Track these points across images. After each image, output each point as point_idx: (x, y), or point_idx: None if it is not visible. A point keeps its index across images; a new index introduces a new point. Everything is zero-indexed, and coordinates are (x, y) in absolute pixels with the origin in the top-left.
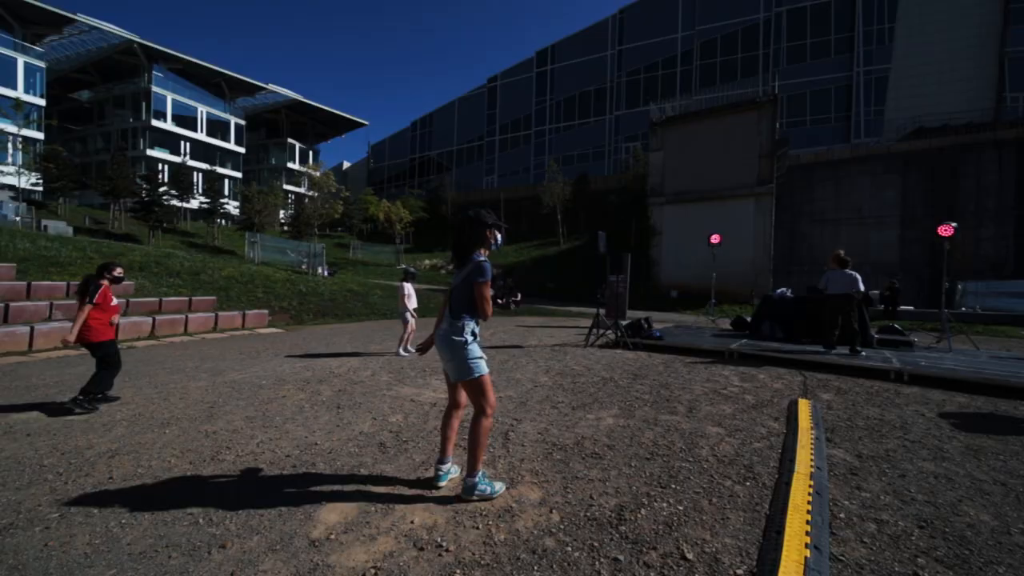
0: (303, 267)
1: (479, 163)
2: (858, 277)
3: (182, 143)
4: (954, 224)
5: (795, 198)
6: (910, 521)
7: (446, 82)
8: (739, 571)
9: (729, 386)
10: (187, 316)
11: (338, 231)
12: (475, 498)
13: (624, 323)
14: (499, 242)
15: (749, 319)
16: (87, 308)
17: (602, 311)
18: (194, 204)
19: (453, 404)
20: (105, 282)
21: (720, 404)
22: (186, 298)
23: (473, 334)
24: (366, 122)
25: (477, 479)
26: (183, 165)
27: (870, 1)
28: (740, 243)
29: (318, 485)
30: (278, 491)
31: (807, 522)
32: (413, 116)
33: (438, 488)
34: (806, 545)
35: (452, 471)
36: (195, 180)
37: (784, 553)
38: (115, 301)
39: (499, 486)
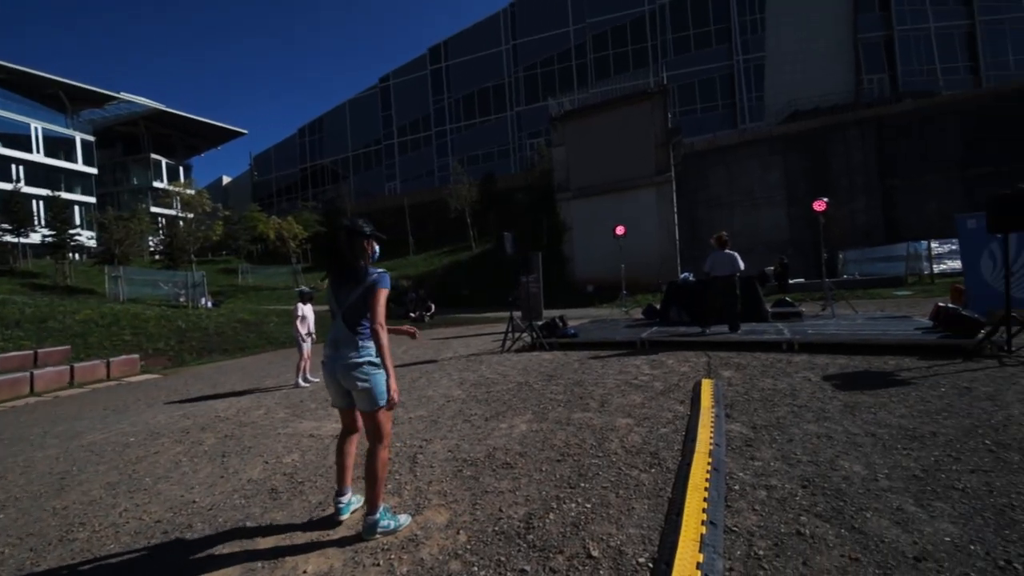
0: (181, 300)
1: (379, 168)
2: (737, 256)
3: (13, 167)
4: (826, 199)
5: (692, 185)
6: (795, 483)
7: (333, 84)
8: (641, 559)
9: (640, 375)
10: (32, 373)
11: (222, 255)
12: (378, 536)
13: (539, 324)
14: (376, 254)
15: (658, 306)
16: None
17: (517, 314)
18: (35, 238)
19: (348, 429)
20: None
21: (631, 394)
22: (30, 351)
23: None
24: (244, 131)
25: (379, 515)
26: (16, 193)
27: None
28: (645, 232)
29: (195, 550)
30: (144, 565)
31: (705, 499)
32: (299, 122)
33: (340, 523)
34: (703, 522)
35: (354, 501)
36: (35, 210)
37: (683, 533)
38: None
39: (404, 518)
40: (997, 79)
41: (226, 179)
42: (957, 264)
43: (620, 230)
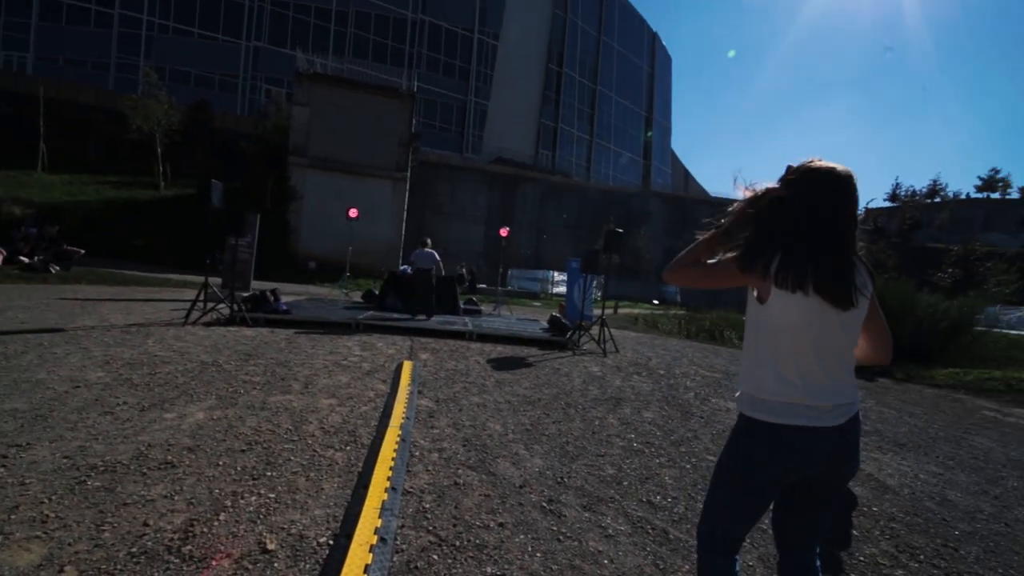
0: None
1: None
2: (435, 254)
3: None
4: (507, 228)
5: (424, 189)
6: (459, 443)
7: None
8: (322, 539)
9: (350, 356)
10: None
11: None
12: None
13: (244, 295)
14: None
15: (377, 292)
16: None
17: (216, 280)
18: None
19: None
20: None
21: (338, 375)
22: None
23: None
24: None
25: None
26: None
27: (482, 48)
28: (378, 221)
29: None
30: None
31: (390, 468)
32: None
33: None
34: (386, 489)
35: None
36: None
37: (367, 503)
38: None
39: None
40: (597, 179)
41: None
42: (564, 289)
43: (353, 213)
